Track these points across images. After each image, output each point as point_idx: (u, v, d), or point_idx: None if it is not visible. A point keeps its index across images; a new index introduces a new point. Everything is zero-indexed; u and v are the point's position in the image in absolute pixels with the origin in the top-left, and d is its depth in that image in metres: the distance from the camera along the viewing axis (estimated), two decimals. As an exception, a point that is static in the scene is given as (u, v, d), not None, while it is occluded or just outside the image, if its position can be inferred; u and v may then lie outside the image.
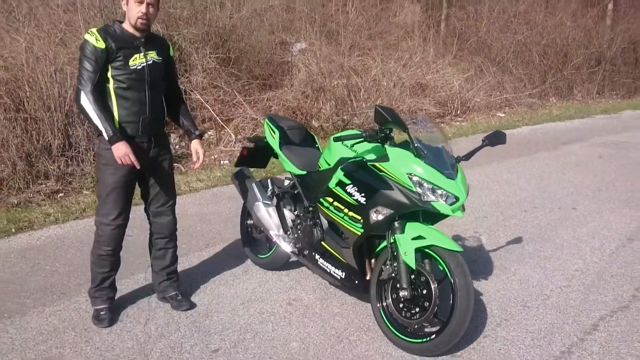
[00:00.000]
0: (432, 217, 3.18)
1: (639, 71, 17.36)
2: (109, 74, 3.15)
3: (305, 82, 10.12)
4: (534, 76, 14.92)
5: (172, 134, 8.04)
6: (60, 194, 6.30)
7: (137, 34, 3.20)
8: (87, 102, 3.06)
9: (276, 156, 4.24)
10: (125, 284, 3.85)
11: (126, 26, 3.21)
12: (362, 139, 3.16)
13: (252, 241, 4.26)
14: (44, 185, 6.46)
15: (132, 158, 3.07)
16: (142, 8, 3.12)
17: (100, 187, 3.31)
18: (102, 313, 3.39)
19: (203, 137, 3.62)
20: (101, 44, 3.07)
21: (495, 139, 3.34)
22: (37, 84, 6.82)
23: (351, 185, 3.17)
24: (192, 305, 3.59)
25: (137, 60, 3.19)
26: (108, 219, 3.30)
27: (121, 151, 3.05)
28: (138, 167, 3.13)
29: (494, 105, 13.15)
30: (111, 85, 3.17)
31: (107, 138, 3.06)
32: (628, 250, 4.56)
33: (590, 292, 3.83)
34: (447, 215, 3.08)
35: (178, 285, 3.66)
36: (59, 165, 6.75)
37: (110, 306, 3.44)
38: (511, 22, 15.16)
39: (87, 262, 4.03)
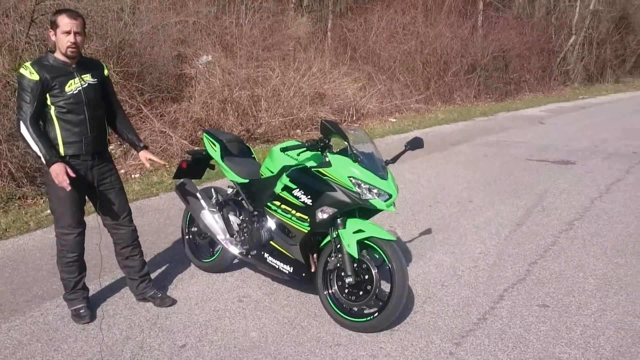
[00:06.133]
0: (366, 213, 3.69)
1: (508, 76, 19.20)
2: (49, 102, 3.38)
3: (210, 93, 10.39)
4: (419, 83, 16.09)
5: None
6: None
7: (68, 60, 3.44)
8: (25, 131, 3.30)
9: (212, 167, 4.59)
10: (78, 296, 4.01)
11: (58, 55, 3.44)
12: (305, 149, 3.59)
13: (195, 247, 4.55)
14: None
15: (64, 178, 3.24)
16: (71, 38, 3.35)
17: (55, 202, 3.55)
18: (82, 311, 3.67)
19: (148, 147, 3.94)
20: (35, 77, 3.30)
21: (415, 144, 3.95)
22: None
23: (297, 189, 3.60)
24: (175, 301, 3.93)
25: (73, 86, 3.43)
26: (69, 229, 3.57)
27: (54, 172, 3.25)
28: (68, 189, 3.25)
29: (386, 111, 14.08)
30: (52, 110, 3.40)
31: (44, 162, 3.29)
32: (519, 234, 5.35)
33: (494, 270, 4.52)
34: (380, 211, 3.60)
35: (153, 285, 3.99)
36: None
37: (88, 304, 3.73)
38: (397, 32, 16.25)
39: (26, 279, 4.32)
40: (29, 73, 3.31)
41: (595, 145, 10.01)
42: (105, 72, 3.70)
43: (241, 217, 4.17)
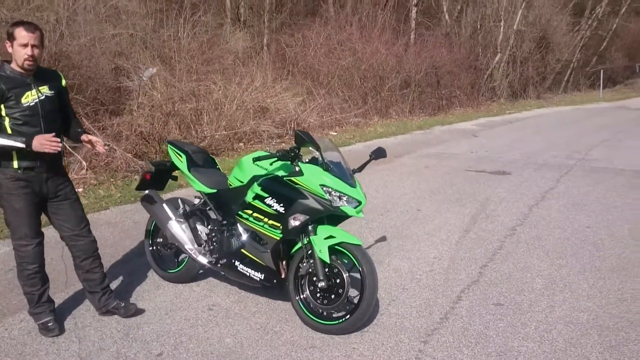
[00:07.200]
0: (335, 219, 3.85)
1: (440, 92, 19.98)
2: (4, 113, 3.33)
3: (152, 106, 10.29)
4: (357, 98, 16.50)
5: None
6: None
7: (25, 72, 3.41)
8: None
9: (174, 178, 4.63)
10: (42, 310, 3.93)
11: (14, 66, 3.40)
12: (276, 159, 3.71)
13: (159, 258, 4.55)
14: None
15: (50, 137, 3.28)
16: (28, 50, 3.33)
17: (10, 214, 3.49)
18: (49, 324, 3.60)
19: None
20: None
21: (379, 153, 4.17)
22: None
23: (270, 198, 3.71)
24: (141, 310, 3.92)
25: (30, 98, 3.39)
26: (27, 240, 3.52)
27: (39, 142, 3.25)
28: (59, 148, 3.32)
29: (327, 125, 14.35)
30: (7, 122, 3.35)
31: (23, 146, 3.26)
32: (468, 239, 5.65)
33: (449, 273, 4.77)
34: (349, 217, 3.76)
35: (115, 296, 3.94)
36: None
37: (55, 317, 3.66)
38: (335, 48, 16.62)
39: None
40: None
41: (527, 157, 10.62)
42: (63, 82, 3.68)
43: (209, 227, 4.23)
